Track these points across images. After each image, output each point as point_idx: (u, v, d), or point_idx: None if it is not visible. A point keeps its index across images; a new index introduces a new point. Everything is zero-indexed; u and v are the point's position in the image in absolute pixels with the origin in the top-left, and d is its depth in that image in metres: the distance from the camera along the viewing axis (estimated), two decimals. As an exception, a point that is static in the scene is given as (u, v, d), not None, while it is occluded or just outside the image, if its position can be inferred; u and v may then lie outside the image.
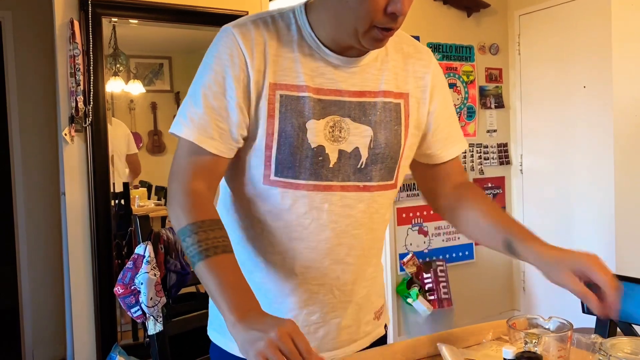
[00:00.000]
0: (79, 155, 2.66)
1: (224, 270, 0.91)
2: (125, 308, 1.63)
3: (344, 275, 1.08)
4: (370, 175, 1.06)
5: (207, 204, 0.98)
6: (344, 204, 1.05)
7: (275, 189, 1.02)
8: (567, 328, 1.03)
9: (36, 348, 3.54)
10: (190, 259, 0.93)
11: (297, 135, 1.00)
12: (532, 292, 3.33)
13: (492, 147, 3.36)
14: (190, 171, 0.99)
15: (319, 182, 1.02)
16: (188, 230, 0.93)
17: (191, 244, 0.92)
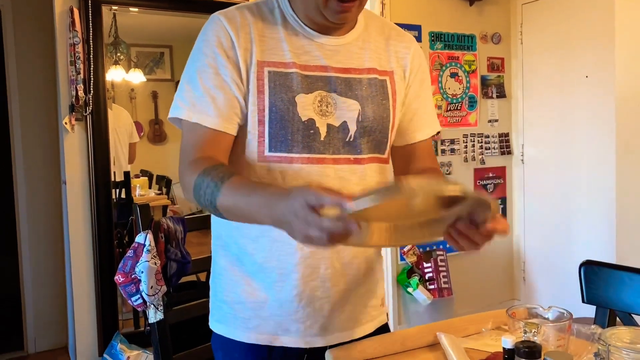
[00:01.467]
0: (79, 144, 2.66)
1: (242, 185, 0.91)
2: (126, 296, 1.64)
3: (344, 249, 1.10)
4: (360, 148, 1.09)
5: (214, 159, 0.99)
6: (338, 176, 1.07)
7: (271, 164, 1.04)
8: (567, 318, 1.04)
9: (38, 336, 3.56)
10: (210, 199, 0.92)
11: (287, 109, 1.03)
12: (532, 283, 3.33)
13: (493, 137, 3.35)
14: (194, 149, 1.02)
15: (312, 154, 1.05)
16: (199, 180, 0.93)
17: (206, 187, 0.92)
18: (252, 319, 1.10)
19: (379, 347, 1.14)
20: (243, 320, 1.11)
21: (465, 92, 3.25)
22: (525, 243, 3.37)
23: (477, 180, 3.30)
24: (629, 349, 0.76)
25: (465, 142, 3.26)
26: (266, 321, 1.10)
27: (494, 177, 3.37)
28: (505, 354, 0.92)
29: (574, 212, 3.07)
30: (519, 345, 0.89)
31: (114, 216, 2.95)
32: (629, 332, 0.81)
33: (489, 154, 3.34)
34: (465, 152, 3.26)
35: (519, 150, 3.38)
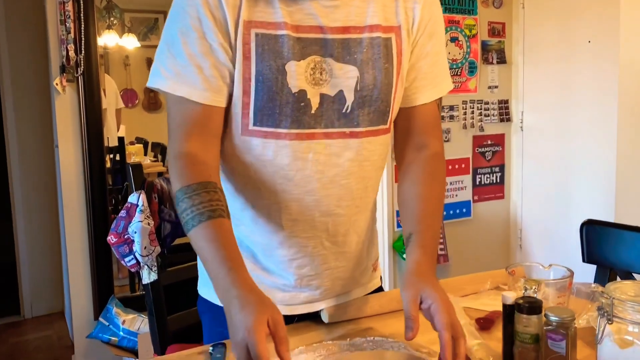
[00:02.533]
0: (71, 106, 2.61)
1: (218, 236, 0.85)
2: (119, 257, 1.62)
3: (335, 227, 1.03)
4: (358, 121, 0.99)
5: (201, 165, 0.91)
6: (329, 152, 0.98)
7: (255, 139, 0.96)
8: (568, 275, 1.02)
9: (34, 301, 3.56)
10: (184, 225, 0.88)
11: (276, 78, 0.92)
12: (528, 250, 3.33)
13: (492, 104, 3.30)
14: (183, 131, 0.93)
15: (301, 130, 0.96)
16: (180, 195, 0.88)
17: (184, 210, 0.87)
18: None
19: (375, 305, 1.12)
20: None
21: (465, 57, 3.19)
22: (522, 210, 3.36)
23: (476, 148, 3.27)
24: (633, 302, 0.74)
25: (464, 109, 3.21)
26: None
27: (492, 145, 3.34)
28: (505, 310, 0.90)
29: (573, 179, 3.05)
30: (519, 301, 0.87)
31: (109, 182, 2.92)
32: (633, 285, 0.79)
33: (488, 121, 3.30)
34: (464, 119, 3.22)
35: (519, 117, 3.34)
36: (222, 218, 0.86)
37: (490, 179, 3.34)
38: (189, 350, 0.99)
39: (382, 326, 1.07)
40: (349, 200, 1.03)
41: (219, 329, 1.09)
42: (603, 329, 0.76)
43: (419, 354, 0.92)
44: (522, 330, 0.87)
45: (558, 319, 0.83)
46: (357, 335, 1.01)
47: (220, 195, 0.89)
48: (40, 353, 3.06)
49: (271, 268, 1.05)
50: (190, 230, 0.86)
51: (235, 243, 0.87)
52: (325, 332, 1.04)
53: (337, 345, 0.96)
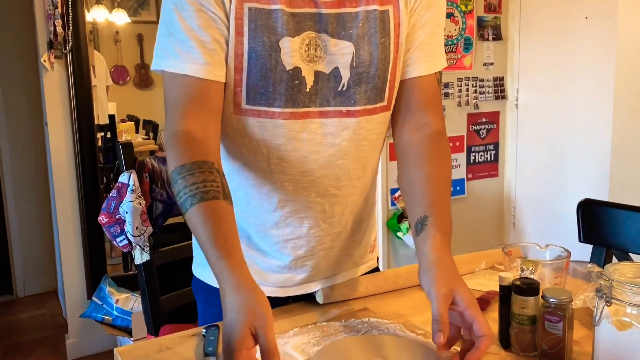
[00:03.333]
0: (60, 83, 2.56)
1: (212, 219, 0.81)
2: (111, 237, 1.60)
3: (331, 208, 1.01)
4: (354, 99, 0.95)
5: (197, 144, 0.87)
6: (324, 132, 0.95)
7: (248, 118, 0.93)
8: (565, 256, 1.01)
9: (27, 280, 3.55)
10: (180, 206, 0.84)
11: (269, 55, 0.89)
12: (522, 228, 3.35)
13: (488, 81, 3.28)
14: (180, 109, 0.89)
15: (295, 109, 0.93)
16: (175, 176, 0.84)
17: (179, 191, 0.83)
18: None
19: (370, 285, 1.11)
20: None
21: (461, 33, 3.15)
22: (516, 188, 3.36)
23: (470, 126, 3.25)
24: (632, 283, 0.73)
25: (459, 86, 3.19)
26: None
27: (487, 122, 3.32)
28: (502, 290, 0.89)
29: (567, 158, 3.04)
30: (516, 283, 0.86)
31: (100, 160, 2.89)
32: (631, 267, 0.78)
33: (483, 99, 3.28)
34: (459, 97, 3.19)
35: (514, 95, 3.32)
36: (215, 200, 0.82)
37: (485, 157, 3.33)
38: (182, 333, 0.97)
39: (377, 307, 1.06)
40: (346, 180, 1.01)
41: (212, 309, 1.08)
42: (601, 311, 0.75)
43: (414, 335, 0.91)
44: (519, 312, 0.86)
45: (556, 300, 0.82)
46: (352, 316, 1.00)
47: (215, 176, 0.85)
48: (33, 332, 3.06)
49: (266, 249, 1.03)
50: (185, 212, 0.82)
51: (229, 225, 0.82)
52: (319, 313, 1.03)
53: (332, 326, 0.96)
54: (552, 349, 0.84)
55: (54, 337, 2.96)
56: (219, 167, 0.87)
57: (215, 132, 0.91)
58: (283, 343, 0.89)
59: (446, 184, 0.96)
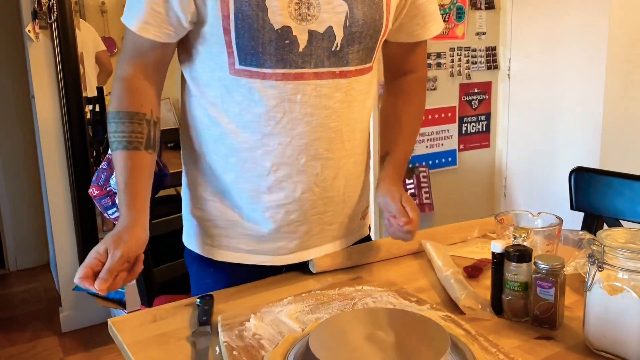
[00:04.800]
0: (45, 54, 2.51)
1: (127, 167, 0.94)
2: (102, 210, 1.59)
3: (324, 171, 1.01)
4: (347, 59, 0.96)
5: (134, 93, 0.97)
6: (319, 94, 0.95)
7: (242, 79, 0.93)
8: (557, 223, 1.01)
9: (19, 254, 3.54)
10: (110, 143, 0.97)
11: (256, 15, 0.88)
12: (512, 198, 3.37)
13: (480, 51, 3.25)
14: (127, 59, 0.98)
15: (287, 69, 0.92)
16: (110, 117, 0.96)
17: (109, 133, 0.96)
18: (224, 237, 1.05)
19: (363, 254, 1.11)
20: (214, 237, 1.06)
21: (453, 2, 3.11)
22: (507, 159, 3.37)
23: (462, 96, 3.24)
24: (623, 248, 0.73)
25: (451, 56, 3.16)
26: (238, 240, 1.05)
27: (479, 93, 3.30)
28: (495, 258, 0.89)
29: (558, 128, 3.05)
30: (509, 250, 0.87)
31: (90, 134, 2.85)
32: (623, 233, 0.78)
33: (475, 69, 3.25)
34: (451, 67, 3.17)
35: (506, 65, 3.30)
36: (136, 150, 0.95)
37: (476, 128, 3.33)
38: (176, 302, 0.98)
39: (370, 275, 1.06)
40: (339, 144, 1.01)
41: (206, 280, 1.08)
42: (593, 276, 0.76)
43: (408, 303, 0.92)
44: (512, 279, 0.86)
45: (548, 266, 0.83)
46: (346, 284, 1.01)
47: (143, 127, 0.96)
48: (27, 305, 3.07)
49: (257, 218, 1.03)
50: (112, 152, 0.96)
51: (142, 175, 0.95)
52: (313, 282, 1.04)
53: (326, 294, 0.96)
54: (543, 314, 0.85)
55: (48, 310, 2.97)
56: (150, 118, 0.97)
57: (157, 82, 1.00)
58: (277, 311, 0.90)
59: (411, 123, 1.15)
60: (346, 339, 0.75)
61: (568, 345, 0.81)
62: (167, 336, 0.86)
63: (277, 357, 0.75)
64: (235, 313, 0.88)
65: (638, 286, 0.73)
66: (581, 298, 0.91)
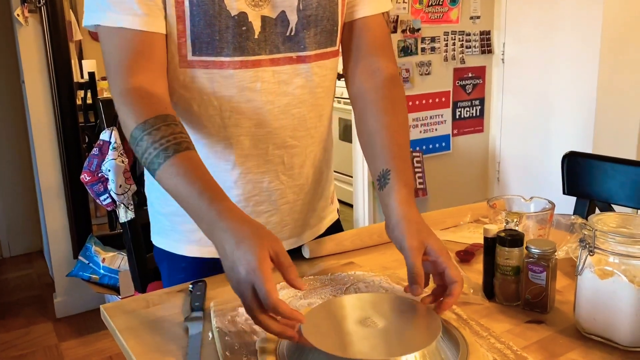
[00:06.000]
0: (35, 38, 2.47)
1: (191, 169, 0.78)
2: (94, 196, 1.58)
3: (290, 160, 0.99)
4: (304, 44, 0.93)
5: (152, 98, 0.83)
6: (277, 80, 0.93)
7: (196, 70, 0.89)
8: (549, 208, 1.01)
9: (12, 240, 3.53)
10: (149, 166, 0.79)
11: (212, 1, 0.85)
12: (505, 183, 3.38)
13: (474, 35, 3.23)
14: (126, 65, 0.84)
15: (245, 57, 0.89)
16: (138, 134, 0.79)
17: (146, 149, 0.78)
18: (193, 232, 0.99)
19: (356, 240, 1.11)
20: (183, 233, 1.03)
21: (447, -15, 3.08)
22: (500, 144, 3.37)
23: (456, 81, 3.23)
24: (615, 233, 0.74)
25: (445, 40, 3.14)
26: None
27: (473, 78, 3.29)
28: (486, 242, 0.89)
29: (552, 113, 3.05)
30: (501, 234, 0.87)
31: (81, 119, 2.83)
32: (615, 217, 0.78)
33: (469, 53, 3.24)
34: (445, 51, 3.15)
35: (500, 49, 3.28)
36: (189, 150, 0.79)
37: (470, 113, 3.33)
38: (169, 288, 0.97)
39: (362, 261, 1.06)
40: (303, 130, 0.99)
41: (179, 275, 1.05)
42: (584, 261, 0.76)
43: (400, 287, 0.92)
44: (503, 263, 0.87)
45: (539, 251, 0.83)
46: (338, 270, 1.01)
47: (181, 128, 0.82)
48: (21, 291, 3.07)
49: None
50: (157, 169, 0.78)
51: (209, 174, 0.80)
52: (306, 267, 1.04)
53: (318, 280, 0.96)
54: (535, 298, 0.85)
55: (42, 296, 2.97)
56: (179, 120, 0.84)
57: (165, 86, 0.88)
58: (270, 297, 0.90)
59: (405, 134, 0.94)
60: (338, 324, 0.75)
61: (559, 329, 0.81)
62: (159, 322, 0.86)
63: (269, 342, 0.75)
64: (227, 299, 0.88)
65: (629, 270, 0.74)
66: (572, 282, 0.91)
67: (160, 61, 0.87)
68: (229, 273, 0.72)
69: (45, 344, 2.51)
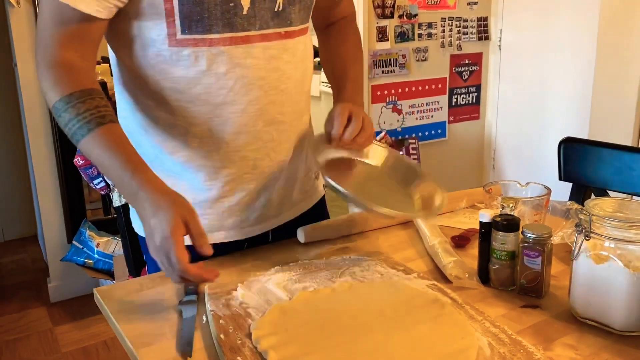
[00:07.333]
0: (27, 20, 2.44)
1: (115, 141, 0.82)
2: (88, 180, 1.57)
3: (280, 136, 1.01)
4: (290, 19, 0.96)
5: (80, 73, 0.86)
6: (268, 55, 0.94)
7: (185, 49, 0.88)
8: (545, 193, 1.01)
9: (5, 225, 3.52)
10: (71, 136, 0.83)
11: None
12: (501, 170, 3.38)
13: (471, 21, 3.21)
14: (57, 40, 0.85)
15: (235, 33, 0.90)
16: (62, 105, 0.82)
17: (69, 120, 0.82)
18: None
19: (351, 224, 1.11)
20: None
21: (445, -29, 3.06)
22: (496, 131, 3.37)
23: (453, 67, 3.21)
24: (611, 218, 0.73)
25: (442, 27, 3.12)
26: None
27: (469, 64, 3.28)
28: (482, 227, 0.89)
29: (548, 100, 3.04)
30: (497, 219, 0.87)
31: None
32: (611, 202, 0.78)
33: (466, 39, 3.22)
34: (442, 38, 3.14)
35: (497, 36, 3.27)
36: (112, 123, 0.83)
37: (466, 100, 3.32)
38: (162, 272, 0.97)
39: (357, 245, 1.06)
40: (290, 106, 1.01)
41: None
42: (580, 245, 0.76)
43: (395, 272, 0.92)
44: (499, 248, 0.87)
45: (535, 236, 0.83)
46: (333, 254, 1.01)
47: (106, 101, 0.85)
48: (14, 276, 3.06)
49: (216, 194, 1.00)
50: (80, 140, 0.82)
51: (132, 146, 0.85)
52: (300, 252, 1.03)
53: (314, 264, 0.96)
54: (530, 283, 0.85)
55: (36, 280, 2.96)
56: (104, 95, 0.87)
57: (94, 63, 0.91)
58: (265, 280, 0.89)
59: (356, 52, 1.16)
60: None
61: (554, 314, 0.81)
62: (153, 305, 0.86)
63: (264, 325, 0.75)
64: (222, 282, 0.88)
65: (624, 255, 0.74)
66: (567, 267, 0.91)
67: (93, 40, 0.88)
68: (148, 240, 0.80)
69: (40, 328, 2.51)
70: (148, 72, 0.92)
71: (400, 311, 0.78)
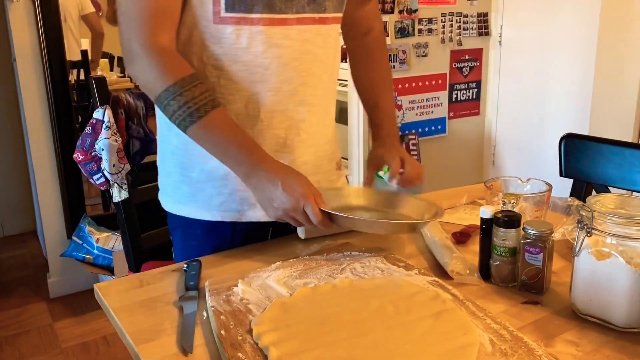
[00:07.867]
0: (27, 15, 2.43)
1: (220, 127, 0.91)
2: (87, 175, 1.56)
3: (311, 117, 1.04)
4: (325, 6, 1.00)
5: (180, 59, 0.92)
6: (303, 38, 0.98)
7: (228, 27, 0.94)
8: (546, 190, 1.01)
9: (5, 221, 3.51)
10: (182, 120, 0.89)
11: None
12: (501, 166, 3.37)
13: (472, 17, 3.20)
14: (149, 23, 0.89)
15: (273, 14, 0.95)
16: (170, 93, 0.88)
17: (180, 106, 0.88)
18: (215, 196, 1.03)
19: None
20: (205, 199, 1.04)
21: (445, -34, 3.05)
22: (496, 127, 3.36)
23: (453, 63, 3.20)
24: (613, 214, 0.73)
25: (443, 22, 3.11)
26: (230, 197, 1.03)
27: (470, 60, 3.27)
28: (483, 224, 0.89)
29: (548, 96, 3.04)
30: (498, 215, 0.86)
31: (74, 99, 2.79)
32: (613, 198, 0.78)
33: (466, 35, 3.21)
34: (442, 33, 3.13)
35: (497, 31, 3.26)
36: (222, 106, 0.92)
37: (467, 95, 3.31)
38: (163, 268, 0.97)
39: (358, 241, 1.06)
40: (322, 89, 1.05)
41: (192, 242, 1.07)
42: (581, 242, 0.76)
43: (396, 268, 0.92)
44: (500, 244, 0.86)
45: (536, 232, 0.83)
46: (334, 250, 1.00)
47: (207, 84, 0.93)
48: (14, 271, 3.06)
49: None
50: (190, 126, 0.89)
51: (236, 126, 0.94)
52: (301, 248, 1.03)
53: (314, 260, 0.96)
54: (531, 279, 0.85)
55: (36, 276, 2.96)
56: (202, 77, 0.94)
57: (177, 44, 0.95)
58: (265, 276, 0.89)
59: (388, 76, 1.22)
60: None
61: (555, 310, 0.81)
62: (154, 301, 0.85)
63: (264, 321, 0.75)
64: (222, 278, 0.88)
65: (626, 251, 0.74)
66: (568, 264, 0.91)
67: (176, 21, 0.93)
68: (269, 206, 0.91)
69: (40, 323, 2.51)
70: (193, 49, 0.96)
71: (401, 307, 0.78)
